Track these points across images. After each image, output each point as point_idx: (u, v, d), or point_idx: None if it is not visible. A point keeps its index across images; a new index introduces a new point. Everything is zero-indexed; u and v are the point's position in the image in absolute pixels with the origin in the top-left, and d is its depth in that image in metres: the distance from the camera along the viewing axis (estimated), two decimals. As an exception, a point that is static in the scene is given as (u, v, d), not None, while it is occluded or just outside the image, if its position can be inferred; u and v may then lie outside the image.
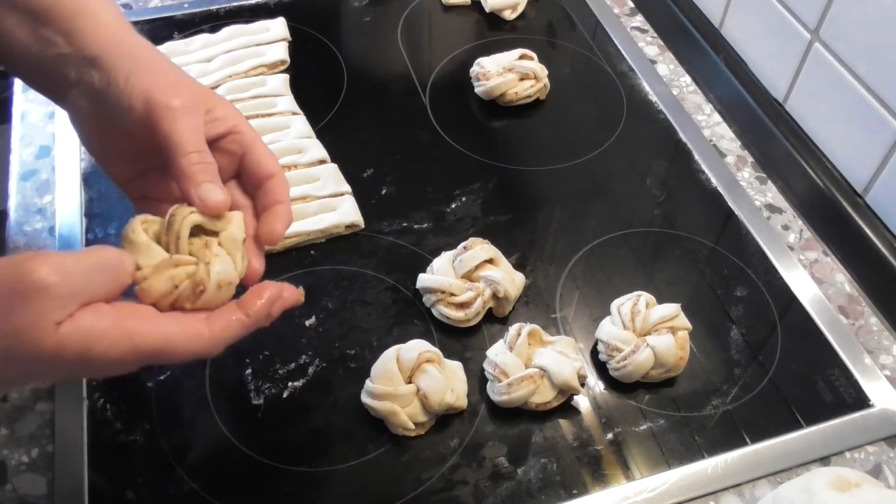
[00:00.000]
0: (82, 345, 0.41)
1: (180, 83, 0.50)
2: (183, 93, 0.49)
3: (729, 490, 0.61)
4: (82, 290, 0.42)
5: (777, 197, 0.82)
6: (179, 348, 0.44)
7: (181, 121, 0.48)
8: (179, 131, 0.48)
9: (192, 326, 0.45)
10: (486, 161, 0.84)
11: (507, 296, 0.68)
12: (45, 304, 0.40)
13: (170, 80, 0.50)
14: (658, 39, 1.00)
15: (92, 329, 0.42)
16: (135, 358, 0.43)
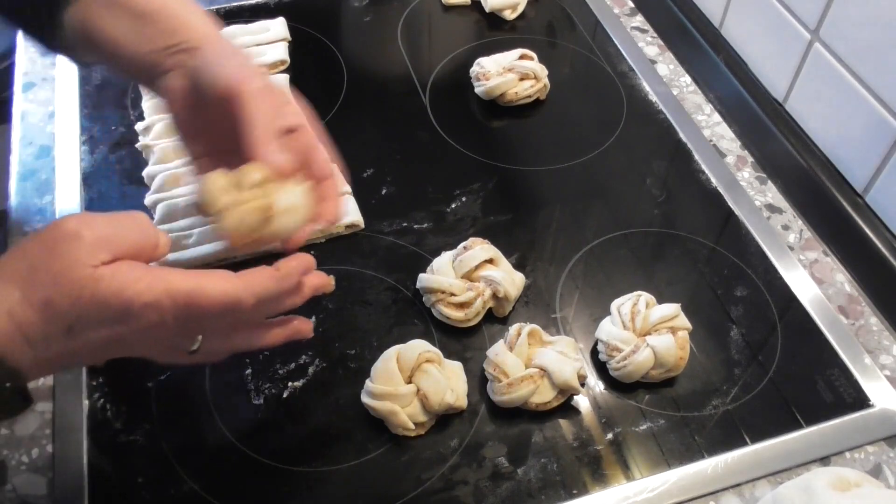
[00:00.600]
0: (119, 284, 0.44)
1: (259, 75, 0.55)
2: (261, 81, 0.54)
3: (729, 490, 0.61)
4: (112, 238, 0.46)
5: (777, 197, 0.82)
6: (210, 290, 0.47)
7: (256, 101, 0.53)
8: (254, 108, 0.53)
9: (222, 274, 0.48)
10: (486, 161, 0.84)
11: (507, 296, 0.68)
12: (78, 248, 0.44)
13: (252, 70, 0.55)
14: (658, 39, 1.00)
15: (127, 272, 0.45)
16: (169, 301, 0.45)
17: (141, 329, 0.46)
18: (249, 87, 0.53)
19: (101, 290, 0.44)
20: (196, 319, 0.48)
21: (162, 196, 0.75)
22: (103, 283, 0.44)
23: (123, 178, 0.79)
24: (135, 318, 0.45)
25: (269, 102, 0.54)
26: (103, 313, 0.45)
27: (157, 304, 0.45)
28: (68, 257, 0.44)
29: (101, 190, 0.78)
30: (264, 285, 0.49)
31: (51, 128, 0.84)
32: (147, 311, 0.45)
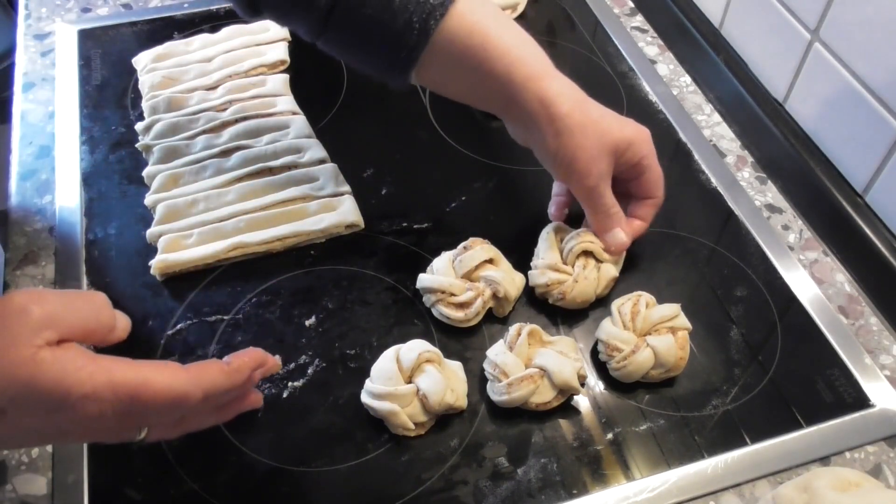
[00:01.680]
0: (59, 371, 0.41)
1: (595, 156, 0.63)
2: (597, 168, 0.63)
3: (729, 490, 0.61)
4: (62, 317, 0.43)
5: (777, 197, 0.82)
6: (156, 385, 0.44)
7: (592, 194, 0.65)
8: (590, 200, 0.66)
9: (170, 367, 0.46)
10: (486, 161, 0.84)
11: (507, 296, 0.68)
12: (22, 325, 0.41)
13: (587, 156, 0.62)
14: (658, 39, 1.00)
15: (69, 359, 0.42)
16: (111, 394, 0.43)
17: (78, 420, 0.43)
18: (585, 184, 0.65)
19: (39, 376, 0.41)
20: (139, 413, 0.46)
21: (162, 196, 0.75)
22: (43, 367, 0.41)
23: (123, 178, 0.79)
24: (71, 409, 0.42)
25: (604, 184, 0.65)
26: (39, 400, 0.42)
27: (97, 395, 0.43)
28: (10, 334, 0.41)
29: (101, 190, 0.78)
30: (213, 381, 0.48)
31: (51, 128, 0.84)
32: (85, 402, 0.42)
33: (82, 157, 0.81)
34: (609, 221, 0.67)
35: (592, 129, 0.62)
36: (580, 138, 0.62)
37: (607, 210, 0.66)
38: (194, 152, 0.79)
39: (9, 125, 0.85)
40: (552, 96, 0.61)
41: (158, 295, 0.70)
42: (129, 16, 0.98)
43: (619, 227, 0.67)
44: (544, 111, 0.61)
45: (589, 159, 0.63)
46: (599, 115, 0.64)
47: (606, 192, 0.65)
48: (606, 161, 0.64)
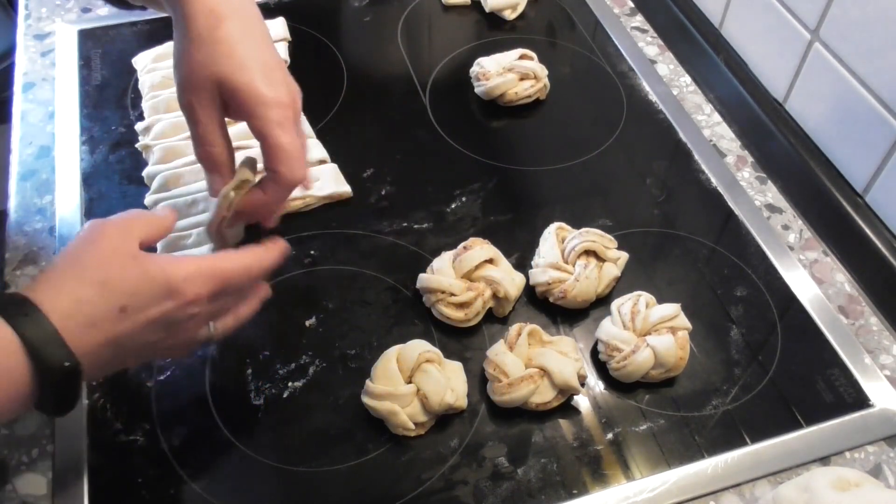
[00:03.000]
0: (160, 264, 0.50)
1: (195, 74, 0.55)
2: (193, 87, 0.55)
3: (729, 490, 0.61)
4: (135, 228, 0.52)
5: (777, 197, 0.82)
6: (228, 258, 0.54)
7: (190, 117, 0.57)
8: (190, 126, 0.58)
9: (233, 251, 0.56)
10: (486, 161, 0.84)
11: (507, 296, 0.68)
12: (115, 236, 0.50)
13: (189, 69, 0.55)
14: (658, 39, 1.00)
15: (161, 256, 0.53)
16: (200, 273, 0.51)
17: (182, 305, 0.51)
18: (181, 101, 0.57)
19: (147, 269, 0.49)
20: (221, 290, 0.53)
21: (162, 196, 0.75)
22: (147, 263, 0.50)
23: (123, 178, 0.79)
24: (177, 293, 0.50)
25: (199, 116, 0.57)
26: (153, 289, 0.49)
27: (192, 277, 0.51)
28: (112, 243, 0.50)
29: (101, 190, 0.78)
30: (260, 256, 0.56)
31: (51, 128, 0.84)
32: (186, 283, 0.50)
33: (82, 157, 0.81)
34: (204, 158, 0.58)
35: (208, 47, 0.55)
36: (193, 48, 0.55)
37: (205, 144, 0.57)
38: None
39: (9, 125, 0.85)
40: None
41: (158, 295, 0.70)
42: (128, 15, 0.97)
43: (213, 172, 0.59)
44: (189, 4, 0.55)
45: (189, 73, 0.55)
46: (228, 37, 0.56)
47: (206, 124, 0.57)
48: (207, 88, 0.55)
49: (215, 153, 0.58)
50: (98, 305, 0.48)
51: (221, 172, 0.58)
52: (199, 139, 0.57)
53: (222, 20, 0.55)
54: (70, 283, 0.48)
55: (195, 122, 0.57)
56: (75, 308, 0.47)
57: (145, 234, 0.53)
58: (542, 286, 0.69)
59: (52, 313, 0.46)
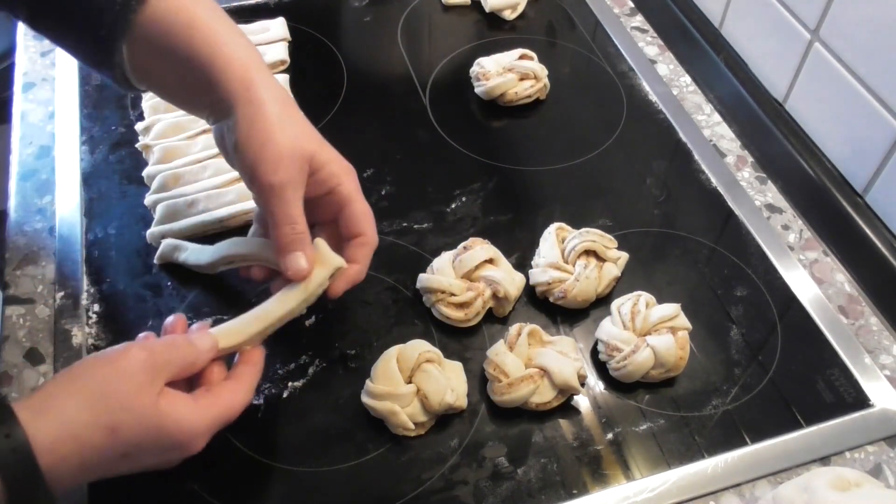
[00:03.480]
0: (177, 418, 0.49)
1: (286, 151, 0.54)
2: (286, 166, 0.54)
3: (729, 490, 0.61)
4: (166, 367, 0.51)
5: (777, 197, 0.82)
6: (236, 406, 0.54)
7: (278, 196, 0.55)
8: (274, 205, 0.55)
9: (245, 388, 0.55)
10: (486, 161, 0.84)
11: (507, 296, 0.68)
12: (145, 375, 0.49)
13: (278, 150, 0.54)
14: (658, 39, 1.00)
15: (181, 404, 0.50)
16: (211, 429, 0.52)
17: (186, 453, 0.51)
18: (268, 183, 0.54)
19: (164, 423, 0.49)
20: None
21: (162, 196, 0.75)
22: (164, 416, 0.49)
23: (123, 178, 0.79)
24: (185, 447, 0.50)
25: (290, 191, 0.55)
26: (162, 443, 0.49)
27: (204, 433, 0.51)
28: (133, 385, 0.48)
29: (101, 190, 0.78)
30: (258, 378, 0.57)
31: (51, 128, 0.84)
32: (197, 440, 0.51)
33: (82, 157, 0.81)
34: (293, 239, 0.56)
35: (291, 128, 0.56)
36: (276, 130, 0.55)
37: (293, 223, 0.56)
38: (194, 152, 0.79)
39: (9, 125, 0.85)
40: (257, 82, 0.55)
41: (158, 295, 0.70)
42: (129, 16, 0.97)
43: (301, 251, 0.56)
44: (245, 93, 0.55)
45: (280, 154, 0.54)
46: (302, 120, 0.58)
47: (294, 202, 0.56)
48: (299, 165, 0.55)
49: (303, 232, 0.57)
50: (101, 452, 0.47)
51: (307, 251, 0.57)
52: (287, 219, 0.56)
53: (288, 103, 0.57)
54: (80, 422, 0.46)
55: (284, 202, 0.55)
56: (75, 452, 0.46)
57: (177, 371, 0.52)
58: (543, 286, 0.69)
59: (44, 455, 0.45)
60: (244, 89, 0.55)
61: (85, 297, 0.69)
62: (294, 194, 0.55)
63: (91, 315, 0.68)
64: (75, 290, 0.70)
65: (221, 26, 0.57)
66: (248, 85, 0.55)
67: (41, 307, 0.69)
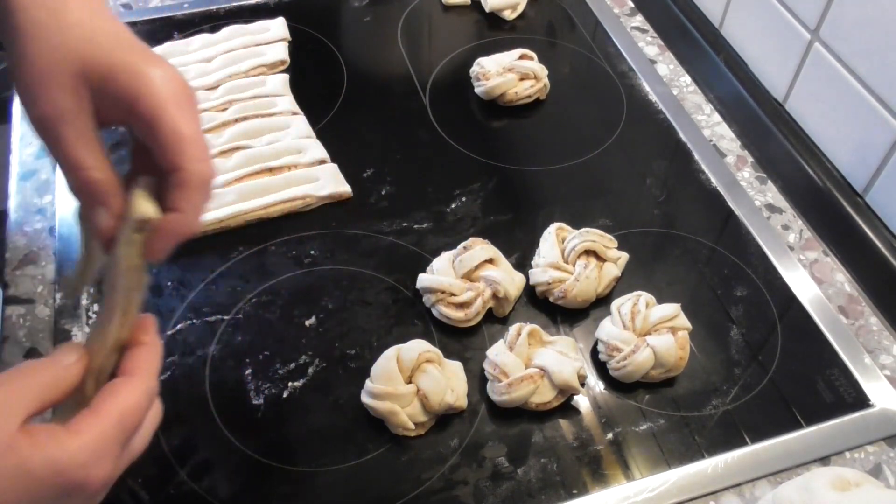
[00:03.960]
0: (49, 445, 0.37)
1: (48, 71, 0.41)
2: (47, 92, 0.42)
3: (729, 490, 0.60)
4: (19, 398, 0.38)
5: (777, 197, 0.82)
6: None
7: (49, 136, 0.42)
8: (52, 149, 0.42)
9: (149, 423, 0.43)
10: (486, 161, 0.84)
11: (507, 296, 0.68)
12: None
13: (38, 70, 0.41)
14: (658, 39, 1.00)
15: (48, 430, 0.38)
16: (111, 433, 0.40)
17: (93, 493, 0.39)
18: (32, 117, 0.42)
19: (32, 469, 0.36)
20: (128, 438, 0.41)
21: (162, 196, 0.75)
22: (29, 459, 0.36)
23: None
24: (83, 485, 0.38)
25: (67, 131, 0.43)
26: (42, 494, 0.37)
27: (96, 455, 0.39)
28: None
29: (101, 190, 0.78)
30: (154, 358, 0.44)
31: (51, 128, 0.84)
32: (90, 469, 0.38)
33: (82, 157, 0.81)
34: (82, 189, 0.43)
35: (59, 36, 0.41)
36: (34, 44, 0.41)
37: (72, 165, 0.42)
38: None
39: (9, 125, 0.85)
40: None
41: (158, 295, 0.70)
42: (129, 16, 0.98)
43: (99, 203, 0.43)
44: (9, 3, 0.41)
45: (39, 76, 0.41)
46: (81, 19, 0.42)
47: (76, 140, 0.42)
48: (69, 86, 0.41)
49: (99, 178, 0.43)
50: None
51: (110, 203, 0.42)
52: (73, 162, 0.42)
53: (66, 3, 0.42)
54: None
55: (61, 140, 0.42)
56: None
57: (38, 399, 0.38)
58: (543, 286, 0.69)
59: None
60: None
61: (85, 297, 0.69)
62: (72, 130, 0.42)
63: (91, 315, 0.68)
64: (75, 290, 0.70)
65: None
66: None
67: (41, 307, 0.69)
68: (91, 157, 0.43)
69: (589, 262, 0.69)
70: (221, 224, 0.74)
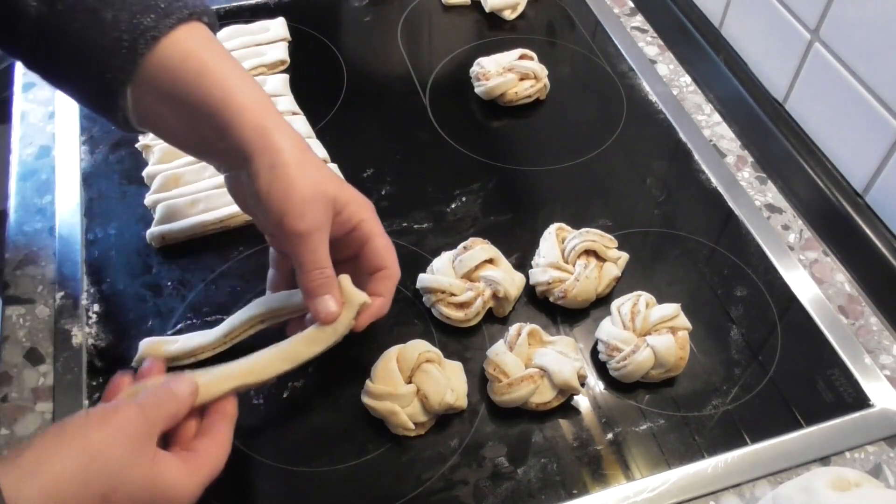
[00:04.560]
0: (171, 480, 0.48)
1: (310, 197, 0.54)
2: (312, 212, 0.54)
3: (729, 490, 0.61)
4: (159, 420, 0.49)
5: (777, 197, 0.82)
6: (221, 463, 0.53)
7: (305, 243, 0.55)
8: (302, 252, 0.55)
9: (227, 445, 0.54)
10: (486, 161, 0.84)
11: (507, 296, 0.68)
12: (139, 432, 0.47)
13: (302, 197, 0.54)
14: (658, 39, 1.00)
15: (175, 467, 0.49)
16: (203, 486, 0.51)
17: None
18: (295, 229, 0.54)
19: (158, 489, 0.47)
20: None
21: (162, 196, 0.75)
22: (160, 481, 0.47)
23: (123, 178, 0.79)
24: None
25: (316, 236, 0.55)
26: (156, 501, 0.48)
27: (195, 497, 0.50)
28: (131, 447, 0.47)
29: (101, 190, 0.78)
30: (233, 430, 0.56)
31: (51, 128, 0.84)
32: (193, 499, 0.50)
33: (82, 157, 0.81)
34: (322, 283, 0.56)
35: (312, 173, 0.55)
36: (298, 177, 0.54)
37: (321, 267, 0.56)
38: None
39: (9, 125, 0.85)
40: (272, 128, 0.54)
41: (158, 295, 0.70)
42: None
43: (330, 294, 0.56)
44: (261, 140, 0.53)
45: (305, 200, 0.54)
46: (320, 164, 0.57)
47: (321, 248, 0.56)
48: (324, 209, 0.55)
49: (333, 276, 0.57)
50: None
51: (336, 294, 0.57)
52: (316, 265, 0.55)
53: (304, 148, 0.56)
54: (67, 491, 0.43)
55: (311, 249, 0.55)
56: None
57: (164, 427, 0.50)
58: (543, 286, 0.69)
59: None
60: (260, 137, 0.53)
61: (85, 297, 0.69)
62: (321, 239, 0.55)
63: (91, 315, 0.68)
64: (75, 290, 0.70)
65: (232, 72, 0.55)
66: (264, 132, 0.54)
67: (41, 307, 0.69)
68: (328, 259, 0.56)
69: (589, 262, 0.69)
70: (221, 224, 0.74)
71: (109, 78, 0.53)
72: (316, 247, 0.55)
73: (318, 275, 0.55)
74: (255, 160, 0.53)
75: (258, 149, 0.53)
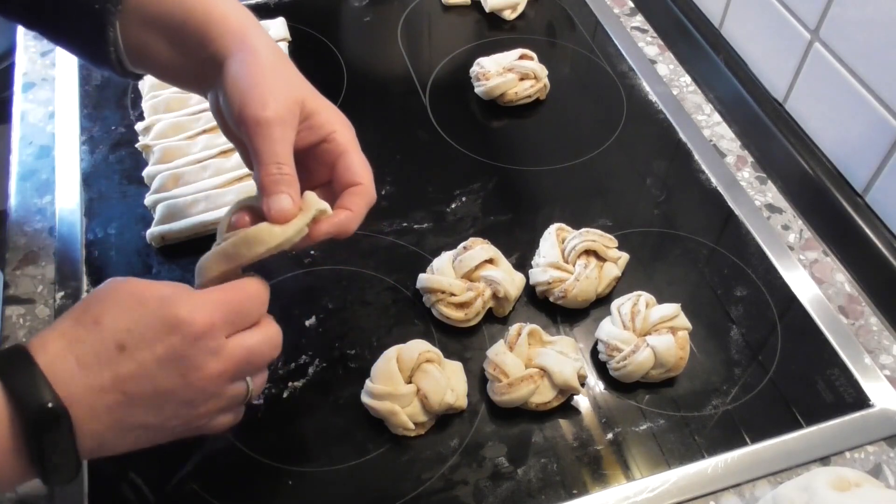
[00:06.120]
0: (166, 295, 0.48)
1: (277, 91, 0.53)
2: (275, 103, 0.52)
3: (729, 490, 0.61)
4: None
5: (777, 197, 0.82)
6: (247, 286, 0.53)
7: (265, 132, 0.52)
8: (260, 142, 0.52)
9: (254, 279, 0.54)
10: (486, 161, 0.84)
11: (507, 296, 0.68)
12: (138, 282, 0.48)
13: (268, 88, 0.52)
14: (658, 39, 1.00)
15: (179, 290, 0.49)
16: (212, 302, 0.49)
17: (192, 339, 0.47)
18: (255, 117, 0.51)
19: (145, 302, 0.47)
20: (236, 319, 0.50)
21: (162, 196, 0.75)
22: (147, 298, 0.47)
23: (123, 178, 0.79)
24: (184, 324, 0.46)
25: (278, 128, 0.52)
26: (152, 322, 0.46)
27: (199, 306, 0.48)
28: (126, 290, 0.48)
29: (101, 190, 0.78)
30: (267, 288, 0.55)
31: (51, 128, 0.84)
32: (193, 314, 0.47)
33: (82, 157, 0.81)
34: (278, 178, 0.53)
35: (284, 72, 0.55)
36: (268, 72, 0.53)
37: (279, 162, 0.52)
38: (194, 152, 0.79)
39: (9, 125, 0.85)
40: (251, 34, 0.54)
41: (158, 295, 0.70)
42: (129, 16, 0.97)
43: (287, 194, 0.52)
44: (239, 44, 0.54)
45: (270, 91, 0.52)
46: (295, 70, 0.56)
47: (282, 141, 0.53)
48: (288, 106, 0.53)
49: (290, 173, 0.53)
50: (91, 344, 0.45)
51: (293, 193, 0.53)
52: (273, 157, 0.52)
53: (281, 55, 0.56)
54: (64, 324, 0.46)
55: (271, 140, 0.52)
56: (65, 348, 0.45)
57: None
58: (543, 286, 0.69)
59: (39, 354, 0.44)
60: (239, 41, 0.54)
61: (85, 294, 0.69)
62: (282, 133, 0.52)
63: (91, 315, 0.68)
64: (75, 290, 0.70)
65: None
66: (243, 37, 0.54)
67: (41, 307, 0.69)
68: (289, 156, 0.53)
69: (589, 262, 0.69)
70: (221, 224, 0.74)
71: (98, 8, 0.55)
72: (276, 139, 0.52)
73: (275, 168, 0.52)
74: (231, 58, 0.53)
75: (234, 50, 0.54)
